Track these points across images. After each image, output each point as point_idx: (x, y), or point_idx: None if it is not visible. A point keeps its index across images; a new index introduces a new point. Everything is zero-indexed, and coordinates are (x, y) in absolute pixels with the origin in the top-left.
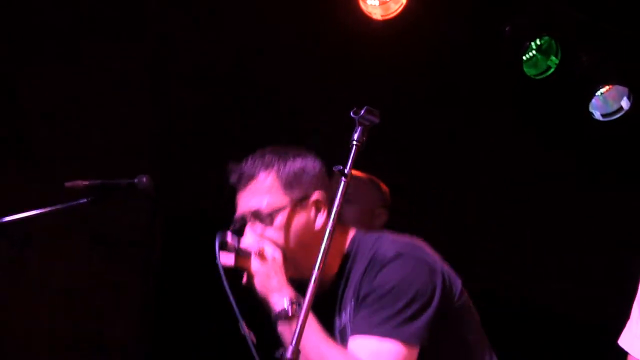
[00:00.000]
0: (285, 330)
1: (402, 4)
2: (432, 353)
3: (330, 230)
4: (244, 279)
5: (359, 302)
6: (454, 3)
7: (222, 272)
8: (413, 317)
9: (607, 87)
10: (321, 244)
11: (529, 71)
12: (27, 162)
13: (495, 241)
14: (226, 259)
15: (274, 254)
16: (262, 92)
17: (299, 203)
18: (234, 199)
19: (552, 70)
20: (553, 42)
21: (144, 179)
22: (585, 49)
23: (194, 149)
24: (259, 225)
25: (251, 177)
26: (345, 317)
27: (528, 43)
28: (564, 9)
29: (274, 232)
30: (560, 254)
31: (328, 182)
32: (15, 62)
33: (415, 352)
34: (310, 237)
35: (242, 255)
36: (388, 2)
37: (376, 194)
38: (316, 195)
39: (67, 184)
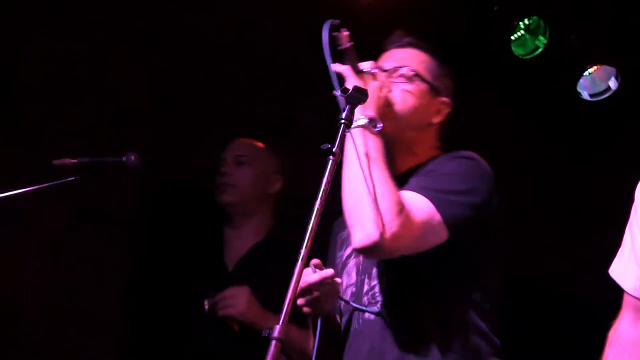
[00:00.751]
0: (350, 139)
1: None
2: (451, 272)
3: (318, 208)
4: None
5: (422, 174)
6: None
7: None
8: (458, 205)
9: (595, 67)
10: (423, 138)
11: (517, 51)
12: (15, 139)
13: None
14: (340, 67)
15: (382, 90)
16: (254, 66)
17: (434, 90)
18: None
19: (540, 50)
20: (541, 22)
21: (132, 157)
22: (573, 29)
23: (186, 122)
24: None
25: (413, 44)
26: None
27: (516, 22)
28: None
29: (403, 91)
30: (548, 232)
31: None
32: (3, 38)
33: (443, 233)
34: (421, 120)
35: (355, 69)
36: None
37: (272, 160)
38: (447, 100)
39: (55, 161)
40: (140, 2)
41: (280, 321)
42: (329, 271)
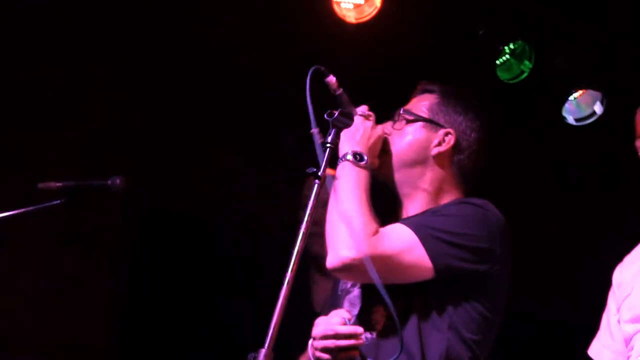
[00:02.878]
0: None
1: (376, 8)
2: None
3: (304, 232)
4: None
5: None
6: (428, 7)
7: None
8: (449, 244)
9: (580, 92)
10: (429, 172)
11: (502, 75)
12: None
13: None
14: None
15: (374, 130)
16: (238, 91)
17: (432, 124)
18: None
19: (525, 74)
20: (527, 46)
21: (117, 181)
22: (558, 54)
23: (171, 146)
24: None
25: (426, 90)
26: None
27: (502, 47)
28: (538, 14)
29: (395, 132)
30: (531, 255)
31: (474, 139)
32: None
33: (427, 268)
34: (419, 154)
35: (346, 112)
36: (362, 5)
37: None
38: (451, 131)
39: (40, 185)
40: (124, 27)
41: (266, 345)
42: (360, 329)
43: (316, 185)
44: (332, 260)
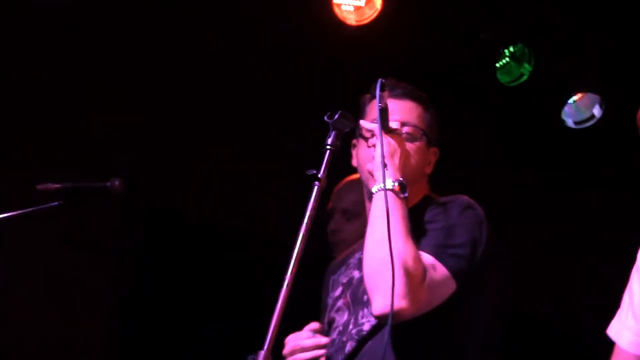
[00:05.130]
0: (377, 204)
1: (376, 10)
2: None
3: (303, 234)
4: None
5: (420, 226)
6: (428, 10)
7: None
8: (461, 258)
9: (579, 95)
10: (415, 188)
11: (502, 78)
12: None
13: None
14: (373, 125)
15: (407, 150)
16: (237, 94)
17: (429, 143)
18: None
19: (525, 77)
20: (526, 49)
21: (117, 182)
22: (558, 57)
23: (171, 147)
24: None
25: (411, 97)
26: None
27: (501, 50)
28: (538, 16)
29: (410, 146)
30: (531, 256)
31: None
32: None
33: (452, 286)
34: (417, 174)
35: (386, 127)
36: (362, 7)
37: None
38: (437, 149)
39: (39, 186)
40: (124, 28)
41: (265, 347)
42: (324, 339)
43: (316, 187)
44: (383, 307)
